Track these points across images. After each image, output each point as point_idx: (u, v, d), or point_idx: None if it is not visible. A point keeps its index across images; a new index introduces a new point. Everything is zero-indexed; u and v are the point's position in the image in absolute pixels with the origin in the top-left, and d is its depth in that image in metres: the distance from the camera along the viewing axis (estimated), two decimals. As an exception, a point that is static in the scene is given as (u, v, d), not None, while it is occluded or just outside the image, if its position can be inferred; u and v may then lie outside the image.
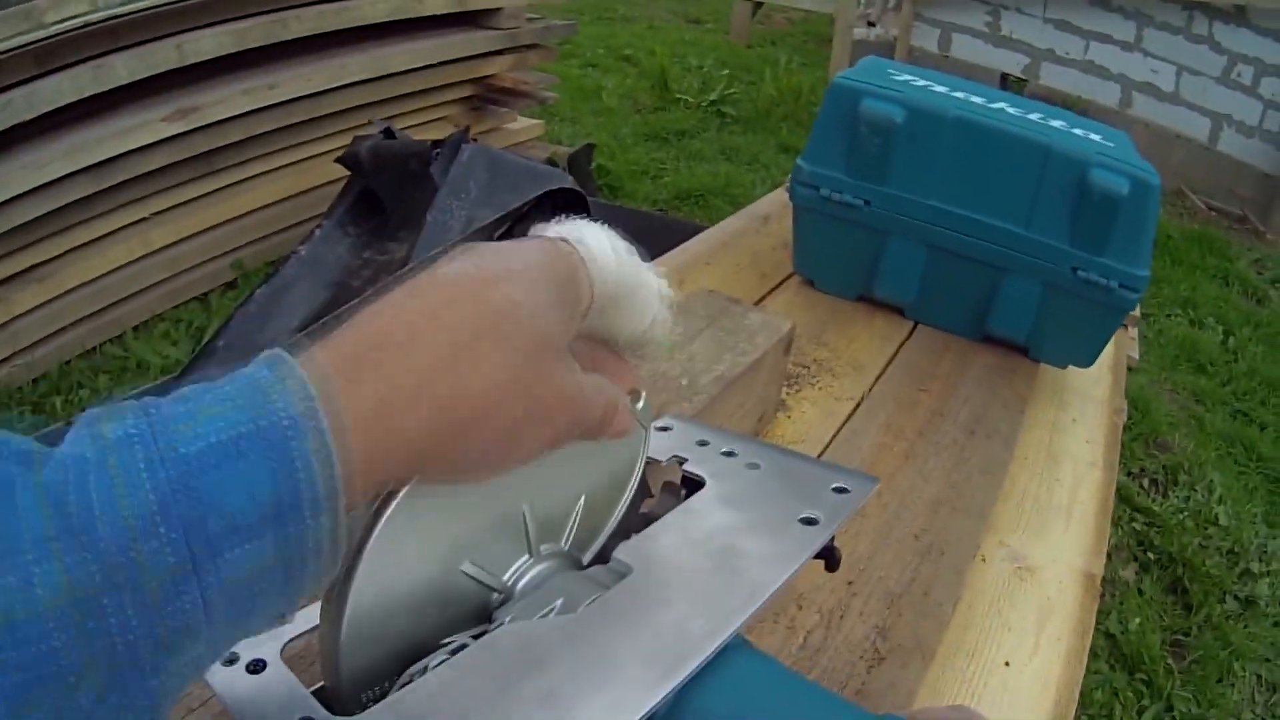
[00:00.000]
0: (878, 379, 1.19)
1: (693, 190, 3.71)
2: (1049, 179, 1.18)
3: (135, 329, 2.38)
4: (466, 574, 0.43)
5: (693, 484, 0.54)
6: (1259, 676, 1.85)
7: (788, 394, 1.10)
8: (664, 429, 0.59)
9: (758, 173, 4.01)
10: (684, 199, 3.66)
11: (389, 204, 2.04)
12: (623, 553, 0.46)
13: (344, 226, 2.03)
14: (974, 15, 4.87)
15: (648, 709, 0.37)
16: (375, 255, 1.97)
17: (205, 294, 2.55)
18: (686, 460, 0.55)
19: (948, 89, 1.28)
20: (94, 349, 2.30)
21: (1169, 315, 3.29)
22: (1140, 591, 1.99)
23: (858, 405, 1.12)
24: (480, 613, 0.44)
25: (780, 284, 1.41)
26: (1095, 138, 1.24)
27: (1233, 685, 1.82)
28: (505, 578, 0.45)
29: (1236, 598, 2.03)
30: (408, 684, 0.38)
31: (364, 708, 0.37)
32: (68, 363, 2.23)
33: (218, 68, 2.40)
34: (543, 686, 0.38)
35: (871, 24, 5.26)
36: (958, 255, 1.24)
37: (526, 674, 0.38)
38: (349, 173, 2.19)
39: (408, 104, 2.94)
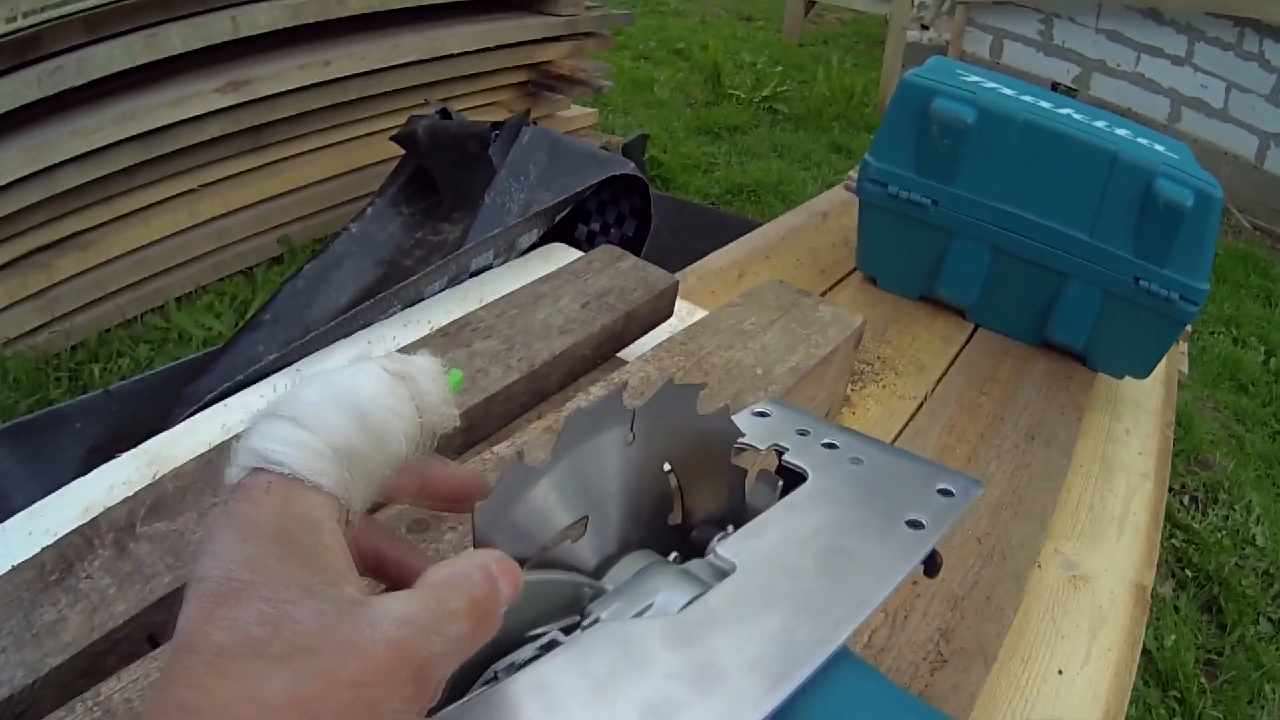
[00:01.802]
0: (940, 380, 1.19)
1: (744, 185, 3.67)
2: (1114, 187, 1.17)
3: (178, 300, 2.38)
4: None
5: (791, 475, 0.51)
6: (1289, 701, 1.83)
7: (853, 390, 1.10)
8: (761, 414, 0.57)
9: (809, 170, 3.97)
10: (735, 194, 3.63)
11: (443, 184, 2.03)
12: (725, 549, 0.43)
13: (397, 205, 2.02)
14: (1026, 23, 4.82)
15: None
16: (428, 235, 1.97)
17: (251, 268, 2.55)
18: (787, 450, 0.52)
19: (1015, 92, 1.28)
20: (135, 318, 2.29)
21: (1212, 333, 3.26)
22: (1176, 609, 1.97)
23: (920, 405, 1.12)
24: (571, 605, 0.41)
25: (840, 281, 1.40)
26: (1159, 148, 1.23)
27: (1263, 708, 1.81)
28: (599, 568, 0.43)
29: (1270, 620, 2.01)
30: (493, 679, 0.36)
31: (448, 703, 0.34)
32: (107, 331, 2.22)
33: (272, 42, 2.40)
34: (642, 692, 0.35)
35: (925, 27, 5.22)
36: (1021, 259, 1.23)
37: (624, 677, 0.36)
38: (402, 152, 2.19)
39: (462, 86, 2.92)
